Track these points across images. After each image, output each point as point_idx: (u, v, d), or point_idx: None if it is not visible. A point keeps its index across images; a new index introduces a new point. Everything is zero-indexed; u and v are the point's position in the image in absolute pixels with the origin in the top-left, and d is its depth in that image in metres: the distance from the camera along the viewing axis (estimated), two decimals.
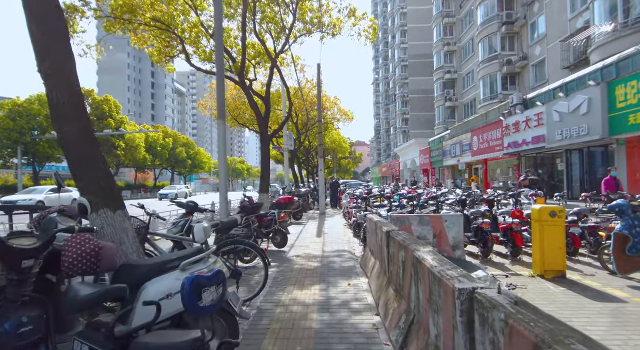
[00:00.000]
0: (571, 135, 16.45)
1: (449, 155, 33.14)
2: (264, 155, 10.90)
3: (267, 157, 10.90)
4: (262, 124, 10.82)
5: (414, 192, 13.00)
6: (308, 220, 13.87)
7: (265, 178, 10.83)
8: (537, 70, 25.83)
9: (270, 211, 7.65)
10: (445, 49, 40.00)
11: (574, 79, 17.09)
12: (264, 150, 10.87)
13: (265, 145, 10.92)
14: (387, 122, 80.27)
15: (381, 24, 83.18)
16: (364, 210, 9.16)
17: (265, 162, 10.89)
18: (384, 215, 7.62)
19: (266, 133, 10.93)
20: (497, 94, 28.65)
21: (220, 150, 7.13)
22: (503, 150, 22.82)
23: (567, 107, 16.62)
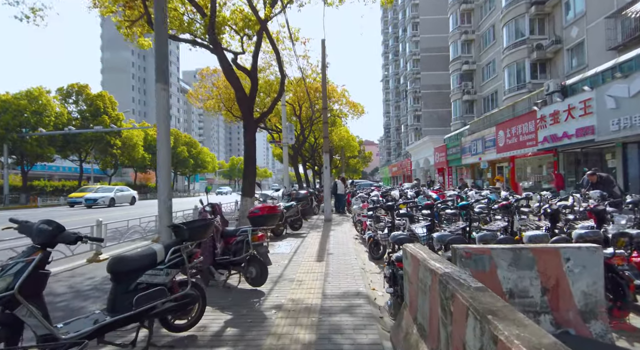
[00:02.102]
0: (632, 124, 13.40)
1: (468, 152, 30.04)
2: (248, 146, 8.15)
3: (252, 148, 8.14)
4: (245, 106, 8.05)
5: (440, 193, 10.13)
6: (309, 230, 11.04)
7: (249, 177, 8.07)
8: (574, 54, 22.69)
9: (240, 228, 4.87)
10: (463, 38, 36.90)
11: (634, 56, 14.02)
12: (248, 140, 8.12)
13: (249, 133, 8.17)
14: (397, 119, 77.15)
15: (391, 17, 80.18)
16: (388, 225, 6.31)
17: (249, 155, 8.13)
18: (420, 234, 4.80)
19: (251, 117, 8.16)
20: (524, 83, 25.55)
21: (160, 128, 4.40)
22: (537, 145, 19.76)
23: (627, 90, 13.57)
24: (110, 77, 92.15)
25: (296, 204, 10.35)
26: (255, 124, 8.26)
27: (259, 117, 8.40)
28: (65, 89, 40.35)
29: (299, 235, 9.95)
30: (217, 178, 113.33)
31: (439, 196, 9.72)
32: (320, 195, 18.50)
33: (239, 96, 7.66)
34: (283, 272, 5.77)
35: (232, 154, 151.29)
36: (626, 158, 15.25)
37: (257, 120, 8.37)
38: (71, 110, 40.24)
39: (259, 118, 8.41)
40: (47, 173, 47.19)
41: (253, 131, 8.25)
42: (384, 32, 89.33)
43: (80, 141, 37.65)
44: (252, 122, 8.20)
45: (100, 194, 25.79)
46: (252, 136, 8.21)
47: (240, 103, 7.88)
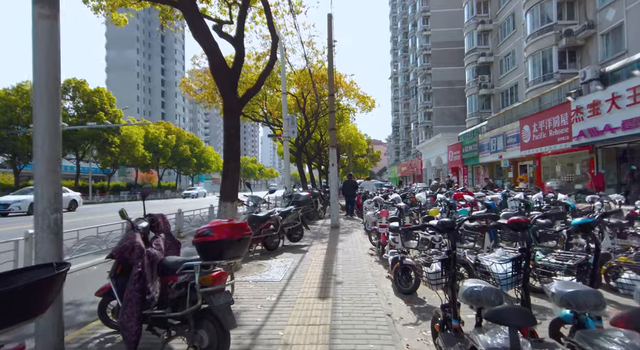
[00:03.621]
0: None
1: (486, 150, 27.79)
2: (230, 134, 6.09)
3: (234, 138, 6.09)
4: (225, 79, 6.00)
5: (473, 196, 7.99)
6: (312, 241, 8.97)
7: (231, 174, 6.03)
8: (610, 40, 20.33)
9: (184, 261, 2.83)
10: (479, 28, 34.53)
11: None
12: (229, 125, 6.06)
13: (231, 117, 6.11)
14: (406, 118, 74.80)
15: (400, 13, 77.87)
16: (442, 255, 4.23)
17: (231, 146, 6.09)
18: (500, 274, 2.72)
19: (232, 96, 6.11)
20: (551, 74, 23.21)
21: (39, 75, 2.38)
22: (571, 140, 17.50)
23: None
24: (115, 76, 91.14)
25: (295, 209, 8.28)
26: (239, 105, 6.19)
27: (244, 95, 6.33)
28: (61, 85, 38.65)
29: (299, 249, 7.88)
30: None
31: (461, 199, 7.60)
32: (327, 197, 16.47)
33: (215, 63, 5.58)
34: (264, 323, 3.69)
35: None
36: None
37: (242, 100, 6.31)
38: (67, 106, 38.63)
39: (245, 97, 6.34)
40: None
41: (235, 114, 6.19)
42: (393, 28, 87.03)
43: (76, 139, 36.02)
44: (235, 102, 6.14)
45: (18, 197, 20.02)
46: (234, 121, 6.16)
47: (217, 74, 5.82)
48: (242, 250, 2.94)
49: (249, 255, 7.26)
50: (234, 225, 2.84)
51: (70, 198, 21.77)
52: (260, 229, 7.27)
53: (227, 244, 2.74)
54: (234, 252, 2.82)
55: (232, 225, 2.83)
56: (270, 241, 7.49)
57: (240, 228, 2.84)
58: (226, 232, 2.75)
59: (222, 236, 2.71)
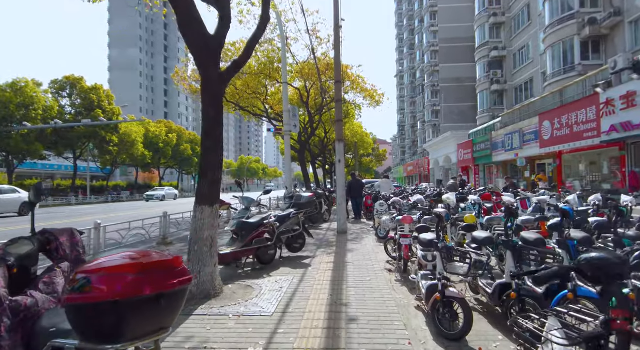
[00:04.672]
0: None
1: (501, 148, 26.20)
2: (209, 118, 4.70)
3: (215, 123, 4.69)
4: (201, 44, 4.59)
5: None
6: (315, 251, 7.55)
7: (211, 170, 4.63)
8: (639, 28, 18.75)
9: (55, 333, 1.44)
10: (491, 21, 32.94)
11: None
12: (208, 107, 4.66)
13: (211, 96, 4.71)
14: (412, 116, 73.21)
15: (406, 9, 76.33)
16: (480, 274, 2.81)
17: (211, 133, 4.69)
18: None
19: (213, 67, 4.71)
20: (573, 66, 21.64)
21: None
22: (600, 136, 15.94)
23: None
24: (117, 75, 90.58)
25: (296, 213, 6.87)
26: (221, 80, 4.78)
27: (229, 68, 4.91)
28: (59, 82, 37.65)
29: (300, 263, 6.47)
30: (226, 178, 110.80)
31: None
32: (333, 197, 15.05)
33: (183, 12, 4.16)
34: None
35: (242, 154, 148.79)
36: None
37: (226, 74, 4.88)
38: (64, 104, 37.53)
39: (230, 70, 4.91)
40: (43, 172, 44.73)
41: (217, 93, 4.78)
42: (398, 26, 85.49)
43: (73, 137, 34.88)
44: (216, 76, 4.73)
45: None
46: (214, 101, 4.75)
47: (187, 34, 4.39)
48: (169, 318, 1.50)
49: (238, 272, 5.86)
50: (148, 266, 1.39)
51: (22, 200, 18.31)
52: (251, 238, 5.88)
53: (129, 310, 1.32)
54: (147, 325, 1.39)
55: (142, 266, 1.39)
56: (264, 253, 6.09)
57: (164, 270, 1.42)
58: (127, 283, 1.30)
59: (118, 292, 1.28)
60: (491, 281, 3.62)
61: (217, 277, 4.54)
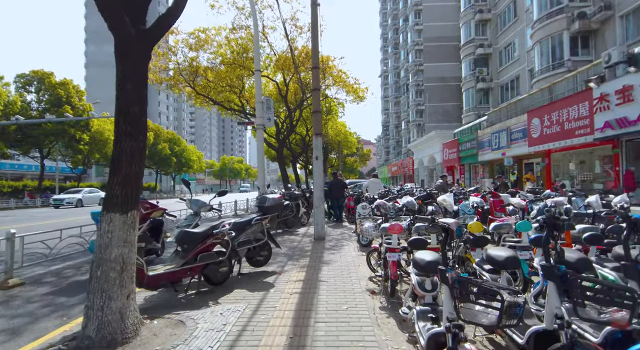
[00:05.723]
0: None
1: (487, 147, 25.44)
2: (124, 89, 3.39)
3: (135, 98, 3.40)
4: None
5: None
6: (285, 265, 6.28)
7: (125, 164, 3.32)
8: (631, 22, 18.11)
9: None
10: (477, 17, 32.25)
11: None
12: (125, 76, 3.37)
13: (129, 61, 3.42)
14: (397, 116, 72.60)
15: (390, 9, 75.76)
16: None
17: (126, 109, 3.39)
18: None
19: (135, 23, 3.40)
20: (562, 61, 20.94)
21: None
22: (593, 133, 15.16)
23: None
24: (94, 72, 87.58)
25: (259, 219, 5.58)
26: (141, 40, 3.46)
27: (155, 24, 3.56)
28: (25, 76, 35.33)
29: (260, 282, 5.18)
30: (207, 178, 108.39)
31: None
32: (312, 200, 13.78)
33: None
34: None
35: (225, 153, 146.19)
36: None
37: (151, 31, 3.55)
38: (30, 99, 35.22)
39: (156, 27, 3.57)
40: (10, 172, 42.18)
41: (137, 57, 3.48)
42: (383, 25, 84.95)
43: (39, 135, 32.67)
44: (134, 34, 3.43)
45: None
46: (135, 68, 3.47)
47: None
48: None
49: (178, 296, 4.54)
50: None
51: None
52: (196, 252, 4.56)
53: None
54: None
55: None
56: (213, 271, 4.77)
57: None
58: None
59: None
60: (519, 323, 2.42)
61: (130, 313, 3.22)
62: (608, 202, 5.85)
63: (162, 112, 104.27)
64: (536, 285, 3.27)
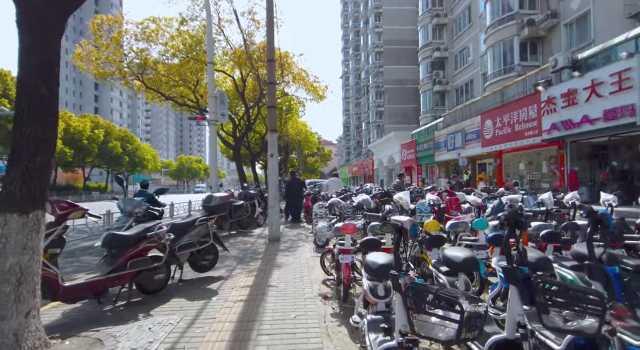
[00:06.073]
0: None
1: (443, 147, 26.11)
2: (29, 64, 2.85)
3: (43, 72, 2.87)
4: None
5: None
6: (233, 269, 5.82)
7: (26, 155, 2.77)
8: (575, 30, 19.16)
9: None
10: (434, 21, 33.09)
11: None
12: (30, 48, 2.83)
13: (34, 32, 2.87)
14: (357, 117, 73.35)
15: (351, 10, 76.46)
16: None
17: (29, 88, 2.84)
18: None
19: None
20: (513, 66, 21.84)
21: None
22: (541, 134, 15.84)
23: None
24: None
25: (204, 220, 5.10)
26: (52, 5, 2.92)
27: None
28: None
29: (202, 289, 4.71)
30: (164, 178, 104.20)
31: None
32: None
33: None
34: None
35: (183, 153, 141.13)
36: None
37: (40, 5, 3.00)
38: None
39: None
40: None
41: (47, 26, 2.94)
42: (344, 27, 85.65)
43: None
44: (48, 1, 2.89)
45: None
46: (45, 38, 2.92)
47: None
48: None
49: (104, 309, 3.98)
50: None
51: None
52: (127, 258, 4.02)
53: None
54: None
55: None
56: (148, 278, 4.25)
57: None
58: None
59: None
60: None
61: (29, 334, 2.68)
62: (559, 200, 5.91)
63: (115, 108, 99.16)
64: (494, 287, 3.07)
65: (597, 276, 2.13)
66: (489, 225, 3.87)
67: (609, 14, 16.74)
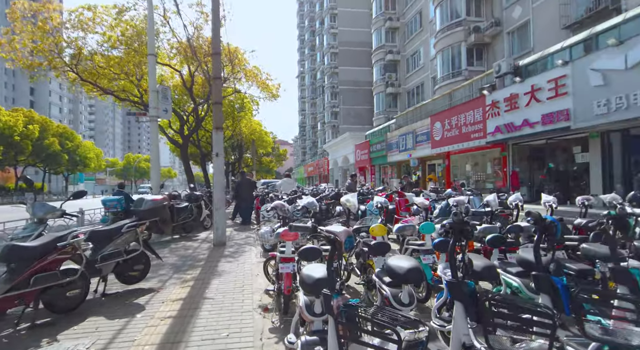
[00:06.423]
0: (629, 104, 10.22)
1: (395, 148, 26.60)
2: None
3: None
4: None
5: None
6: (167, 278, 5.32)
7: None
8: (516, 38, 20.20)
9: None
10: (387, 25, 33.70)
11: (630, 17, 10.95)
12: None
13: None
14: (313, 117, 73.36)
15: (307, 10, 76.36)
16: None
17: None
18: None
19: None
20: (460, 70, 22.66)
21: None
22: (486, 136, 16.49)
23: (623, 61, 10.38)
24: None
25: (131, 226, 4.57)
26: None
27: None
28: None
29: (127, 305, 4.20)
30: (109, 178, 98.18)
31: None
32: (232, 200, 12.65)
33: None
34: None
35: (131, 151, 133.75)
36: (609, 151, 12.25)
37: None
38: None
39: None
40: None
41: None
42: (300, 26, 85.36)
43: None
44: None
45: None
46: None
47: None
48: None
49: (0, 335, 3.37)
50: None
51: None
52: (31, 273, 3.44)
53: None
54: None
55: None
56: (59, 295, 3.68)
57: None
58: None
59: None
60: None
61: None
62: (503, 201, 5.98)
63: (54, 102, 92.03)
64: (440, 295, 2.89)
65: (544, 288, 1.99)
66: (435, 228, 3.75)
67: (546, 24, 17.78)
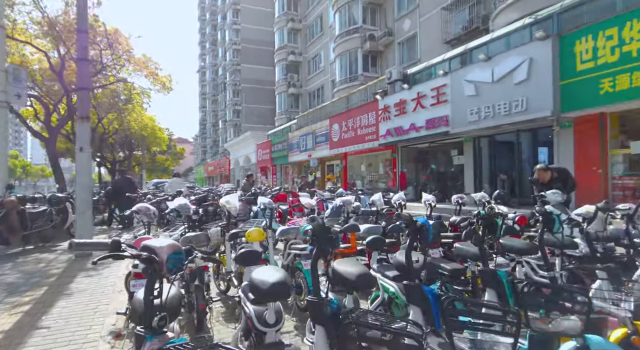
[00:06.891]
0: (495, 113, 11.63)
1: (296, 148, 26.76)
2: None
3: None
4: None
5: None
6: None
7: None
8: (405, 48, 21.79)
9: None
10: (289, 25, 33.79)
11: (503, 34, 12.42)
12: None
13: None
14: (214, 114, 70.36)
15: (209, 3, 73.01)
16: None
17: None
18: None
19: None
20: (357, 75, 23.67)
21: None
22: (379, 139, 17.41)
23: (490, 74, 11.75)
24: None
25: None
26: None
27: None
28: None
29: None
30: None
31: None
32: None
33: None
34: None
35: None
36: (480, 154, 13.78)
37: None
38: None
39: None
40: None
41: None
42: (201, 19, 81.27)
43: None
44: None
45: None
46: None
47: None
48: None
49: None
50: None
51: None
52: None
53: None
54: None
55: None
56: None
57: None
58: None
59: None
60: None
61: None
62: (389, 200, 6.13)
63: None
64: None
65: (415, 300, 1.83)
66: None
67: (430, 37, 19.48)
